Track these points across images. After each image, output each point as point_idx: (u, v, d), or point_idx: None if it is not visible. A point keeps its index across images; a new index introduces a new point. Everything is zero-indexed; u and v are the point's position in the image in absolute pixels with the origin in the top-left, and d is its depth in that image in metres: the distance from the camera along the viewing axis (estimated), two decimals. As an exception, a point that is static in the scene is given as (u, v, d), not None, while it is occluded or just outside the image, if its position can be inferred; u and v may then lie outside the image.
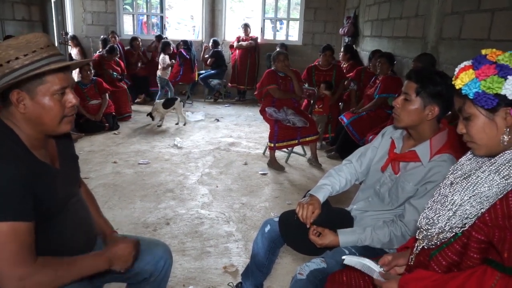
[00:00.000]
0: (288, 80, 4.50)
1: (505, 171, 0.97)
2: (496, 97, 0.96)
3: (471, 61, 1.02)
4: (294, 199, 3.52)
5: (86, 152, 4.71)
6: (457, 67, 1.05)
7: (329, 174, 1.90)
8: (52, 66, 1.17)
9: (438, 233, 1.09)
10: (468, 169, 1.10)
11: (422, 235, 1.15)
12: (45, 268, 1.15)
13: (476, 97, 0.99)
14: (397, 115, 1.66)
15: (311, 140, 4.44)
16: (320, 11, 8.38)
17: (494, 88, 0.95)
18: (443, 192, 1.12)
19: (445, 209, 1.08)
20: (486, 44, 3.26)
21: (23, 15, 6.14)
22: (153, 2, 9.24)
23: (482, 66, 0.98)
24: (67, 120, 1.27)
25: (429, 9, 4.29)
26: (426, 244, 1.14)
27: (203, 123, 6.45)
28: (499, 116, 0.99)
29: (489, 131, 1.02)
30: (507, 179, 0.97)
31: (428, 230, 1.12)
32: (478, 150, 1.07)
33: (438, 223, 1.08)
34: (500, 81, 0.95)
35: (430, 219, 1.12)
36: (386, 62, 4.52)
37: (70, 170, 1.41)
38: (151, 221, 3.06)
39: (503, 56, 0.97)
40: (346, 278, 1.45)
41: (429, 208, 1.15)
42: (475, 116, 1.03)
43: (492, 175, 0.99)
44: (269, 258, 1.98)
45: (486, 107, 0.99)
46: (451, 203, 1.06)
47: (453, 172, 1.15)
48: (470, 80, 0.99)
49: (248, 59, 8.10)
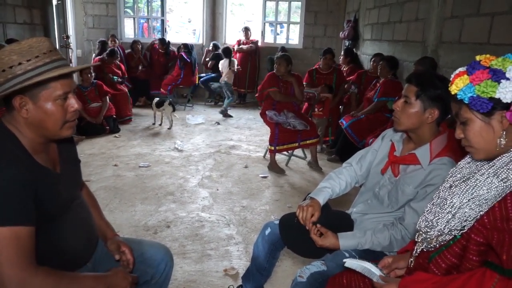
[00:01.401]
0: (289, 83, 4.52)
1: (503, 174, 0.99)
2: (491, 101, 0.98)
3: (465, 67, 1.05)
4: (295, 202, 3.53)
5: (87, 155, 4.71)
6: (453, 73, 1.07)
7: (329, 177, 1.91)
8: (55, 72, 1.17)
9: (437, 235, 1.10)
10: (467, 172, 1.11)
11: (421, 238, 1.16)
12: (48, 277, 1.15)
13: (471, 101, 1.01)
14: (397, 118, 1.66)
15: (312, 143, 4.45)
16: (320, 14, 8.41)
17: (488, 92, 0.97)
18: (442, 195, 1.13)
19: (444, 212, 1.09)
20: (486, 47, 3.27)
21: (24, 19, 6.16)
22: (153, 6, 9.26)
23: (476, 71, 1.00)
24: (69, 125, 1.27)
25: (429, 13, 4.31)
26: (425, 247, 1.15)
27: (204, 126, 6.46)
28: (495, 119, 1.01)
29: (486, 134, 1.03)
30: (505, 182, 0.98)
31: (427, 232, 1.13)
32: (476, 154, 1.08)
33: (437, 226, 1.09)
34: (493, 85, 0.97)
35: (429, 222, 1.12)
36: (386, 66, 4.52)
37: (72, 174, 1.41)
38: (152, 224, 3.06)
39: (496, 61, 1.00)
40: (346, 281, 1.45)
41: (429, 211, 1.16)
42: (471, 121, 1.04)
43: (490, 178, 1.00)
44: (270, 261, 1.99)
45: (481, 111, 1.01)
46: (450, 206, 1.07)
47: (452, 175, 1.16)
48: (464, 85, 1.01)
49: (249, 62, 8.12)
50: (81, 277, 1.27)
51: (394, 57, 4.73)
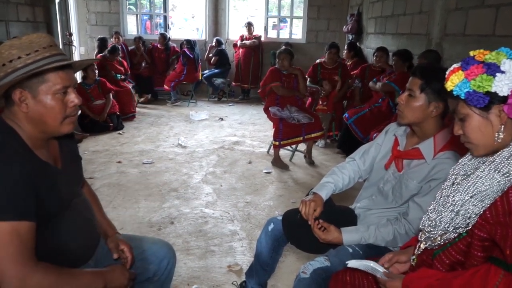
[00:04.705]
0: (291, 77, 4.49)
1: (504, 168, 0.98)
2: (487, 95, 0.97)
3: (460, 63, 1.04)
4: (298, 198, 3.51)
5: (90, 152, 4.72)
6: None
7: (332, 172, 1.90)
8: (54, 64, 1.17)
9: (441, 234, 1.09)
10: (468, 169, 1.11)
11: (425, 237, 1.15)
12: (48, 273, 1.15)
13: (467, 97, 1.00)
14: (401, 111, 1.64)
15: (316, 136, 4.43)
16: (323, 9, 8.35)
17: (484, 86, 0.97)
18: (445, 193, 1.13)
19: (447, 210, 1.08)
20: (491, 39, 3.23)
21: (27, 16, 6.16)
22: (156, 2, 9.24)
23: (471, 67, 1.00)
24: (69, 120, 1.27)
25: (433, 5, 4.26)
26: (429, 246, 1.14)
27: (207, 122, 6.45)
28: (493, 113, 1.00)
29: (485, 129, 1.02)
30: (507, 176, 0.97)
31: (431, 232, 1.12)
32: (476, 150, 1.07)
33: (441, 225, 1.08)
34: (489, 79, 0.96)
35: (433, 221, 1.12)
36: (399, 60, 4.45)
37: (73, 171, 1.41)
38: (156, 221, 3.06)
39: (489, 55, 0.99)
40: (349, 278, 1.44)
41: (432, 209, 1.15)
42: (469, 116, 1.04)
43: (492, 173, 1.00)
44: (273, 256, 1.98)
45: (478, 106, 1.00)
46: (453, 203, 1.06)
47: (454, 173, 1.15)
48: (460, 81, 1.01)
49: (252, 57, 8.09)
50: (80, 273, 1.27)
51: (406, 50, 4.62)
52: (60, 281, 1.17)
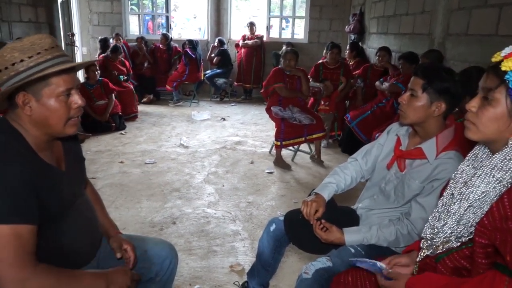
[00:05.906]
0: (294, 78, 4.48)
1: (498, 174, 0.96)
2: None
3: None
4: (300, 198, 3.51)
5: (93, 152, 4.73)
6: (508, 47, 0.95)
7: (334, 172, 1.89)
8: (57, 68, 1.17)
9: (443, 242, 1.08)
10: (467, 176, 1.08)
11: (427, 245, 1.14)
12: (48, 275, 1.14)
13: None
14: (403, 111, 1.64)
15: (318, 137, 4.42)
16: (326, 8, 8.34)
17: None
18: (446, 201, 1.10)
19: (448, 219, 1.06)
20: (494, 39, 3.21)
21: (29, 17, 6.17)
22: (158, 2, 9.25)
23: None
24: (72, 122, 1.27)
25: (436, 4, 4.25)
26: (431, 253, 1.13)
27: (209, 122, 6.46)
28: None
29: (502, 124, 0.97)
30: (500, 182, 0.95)
31: (433, 239, 1.11)
32: (473, 133, 1.02)
33: (443, 233, 1.07)
34: None
35: (435, 229, 1.10)
36: (405, 62, 4.41)
37: (76, 172, 1.41)
38: (158, 221, 3.06)
39: None
40: (351, 279, 1.43)
41: (433, 217, 1.13)
42: (497, 103, 0.96)
43: (488, 179, 0.97)
44: (275, 257, 1.98)
45: None
46: (453, 212, 1.05)
47: (454, 181, 1.12)
48: None
49: (254, 57, 8.08)
50: (81, 275, 1.26)
51: (411, 52, 4.58)
52: (60, 283, 1.16)
